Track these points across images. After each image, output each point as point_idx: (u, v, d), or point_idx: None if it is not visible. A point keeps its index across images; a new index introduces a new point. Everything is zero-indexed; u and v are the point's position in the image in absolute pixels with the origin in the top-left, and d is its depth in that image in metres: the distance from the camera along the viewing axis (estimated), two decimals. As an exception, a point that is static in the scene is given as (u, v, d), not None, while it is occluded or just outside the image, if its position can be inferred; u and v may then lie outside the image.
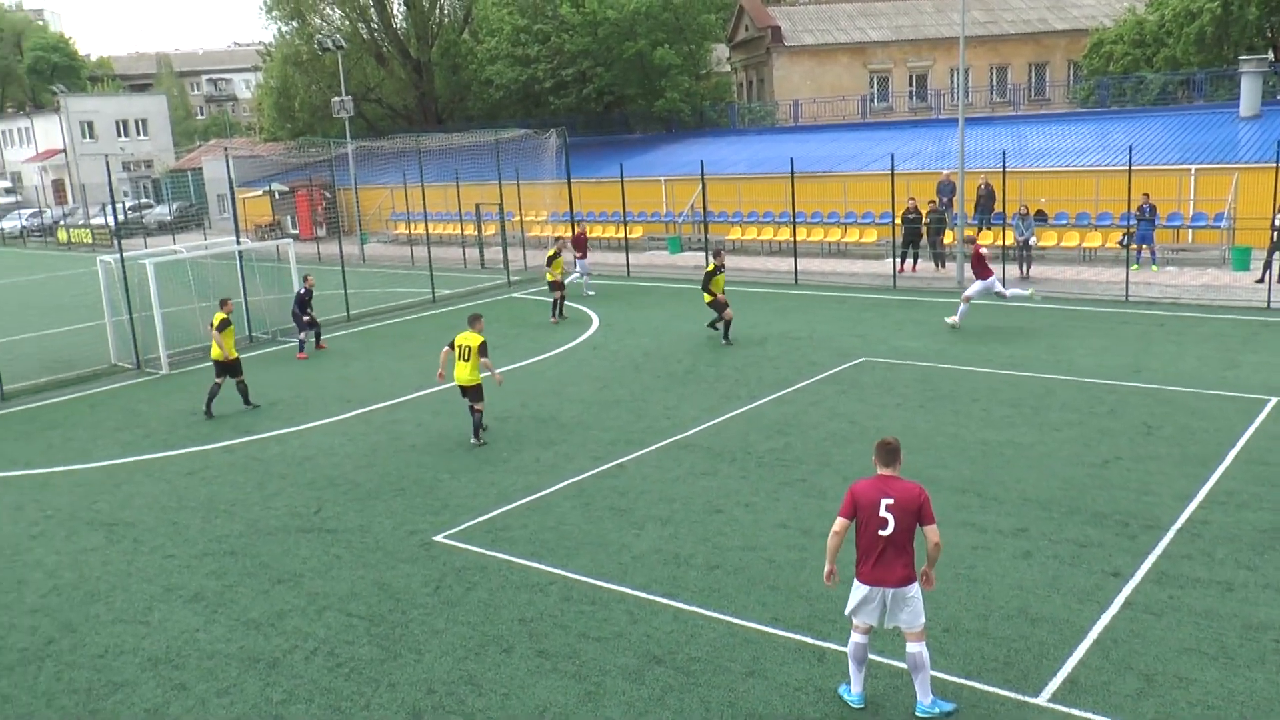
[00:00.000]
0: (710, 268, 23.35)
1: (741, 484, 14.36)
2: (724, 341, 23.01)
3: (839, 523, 8.83)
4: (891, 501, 8.63)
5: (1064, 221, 32.45)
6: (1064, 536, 12.00)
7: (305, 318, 25.01)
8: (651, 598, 11.09)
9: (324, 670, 10.06)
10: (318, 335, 25.77)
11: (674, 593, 11.17)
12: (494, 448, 16.67)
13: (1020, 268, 29.41)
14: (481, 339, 16.73)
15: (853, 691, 8.95)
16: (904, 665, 8.98)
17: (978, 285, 23.05)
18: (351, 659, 10.24)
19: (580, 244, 31.85)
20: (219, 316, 19.93)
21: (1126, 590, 10.64)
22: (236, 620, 11.25)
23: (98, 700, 9.81)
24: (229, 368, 19.94)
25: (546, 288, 28.40)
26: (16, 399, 22.28)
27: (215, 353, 19.82)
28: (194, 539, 13.70)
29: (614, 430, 17.19)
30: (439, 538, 13.14)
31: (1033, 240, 29.65)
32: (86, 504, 15.35)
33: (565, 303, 27.94)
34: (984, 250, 23.43)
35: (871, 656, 9.26)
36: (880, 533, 8.62)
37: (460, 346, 16.72)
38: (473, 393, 16.88)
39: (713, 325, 23.61)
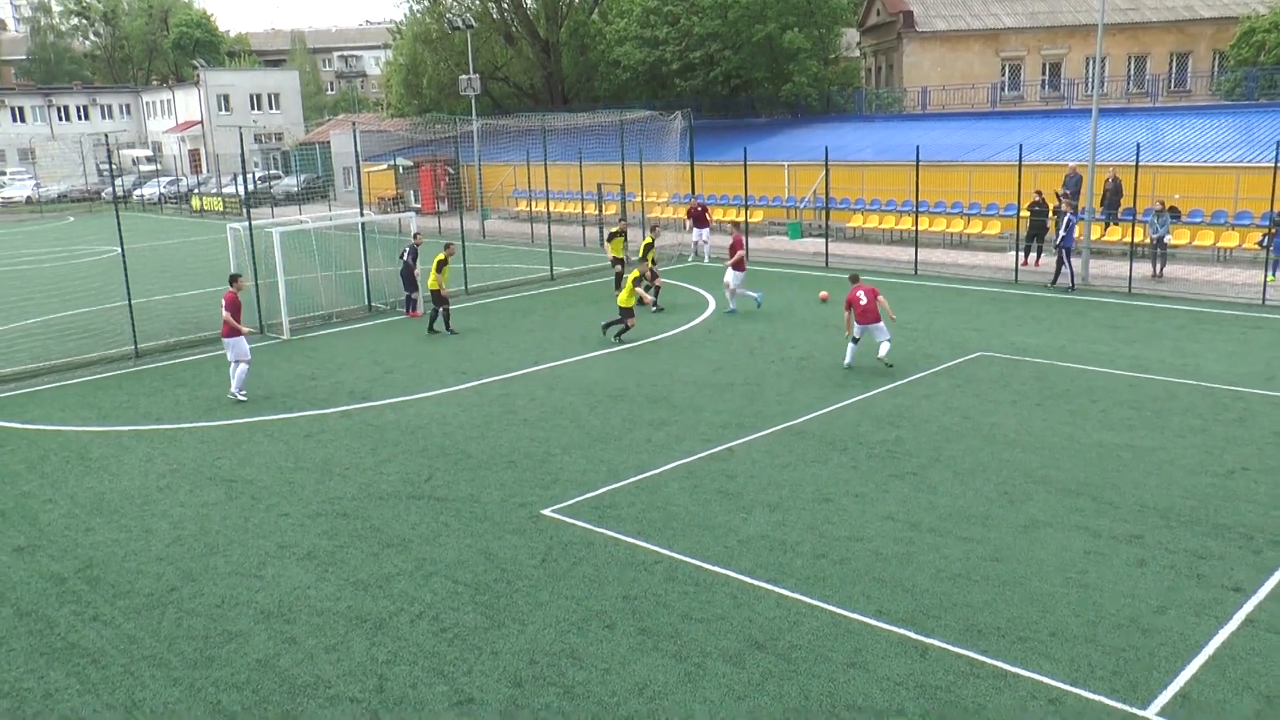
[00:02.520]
0: (615, 229, 27.65)
1: (851, 474, 14.23)
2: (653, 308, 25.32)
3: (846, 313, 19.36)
4: (862, 292, 19.04)
5: (1199, 219, 31.24)
6: (1182, 547, 11.62)
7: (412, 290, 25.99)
8: (756, 583, 11.08)
9: (429, 634, 10.30)
10: (413, 302, 26.58)
11: (778, 579, 11.14)
12: (605, 426, 16.81)
13: (1153, 266, 28.44)
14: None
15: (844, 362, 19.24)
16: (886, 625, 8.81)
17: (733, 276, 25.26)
18: (456, 625, 10.46)
19: (700, 217, 34.37)
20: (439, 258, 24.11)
21: (1248, 607, 10.24)
22: (346, 580, 11.59)
23: (214, 648, 10.22)
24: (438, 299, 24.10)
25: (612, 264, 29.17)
26: (149, 356, 23.24)
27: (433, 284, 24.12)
28: (308, 499, 14.14)
29: (725, 413, 17.19)
30: (547, 511, 13.32)
31: (1167, 238, 28.62)
32: (210, 460, 15.96)
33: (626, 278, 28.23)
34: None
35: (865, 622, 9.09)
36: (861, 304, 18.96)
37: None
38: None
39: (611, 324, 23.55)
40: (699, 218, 34.79)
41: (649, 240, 27.68)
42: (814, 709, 8.81)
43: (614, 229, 29.70)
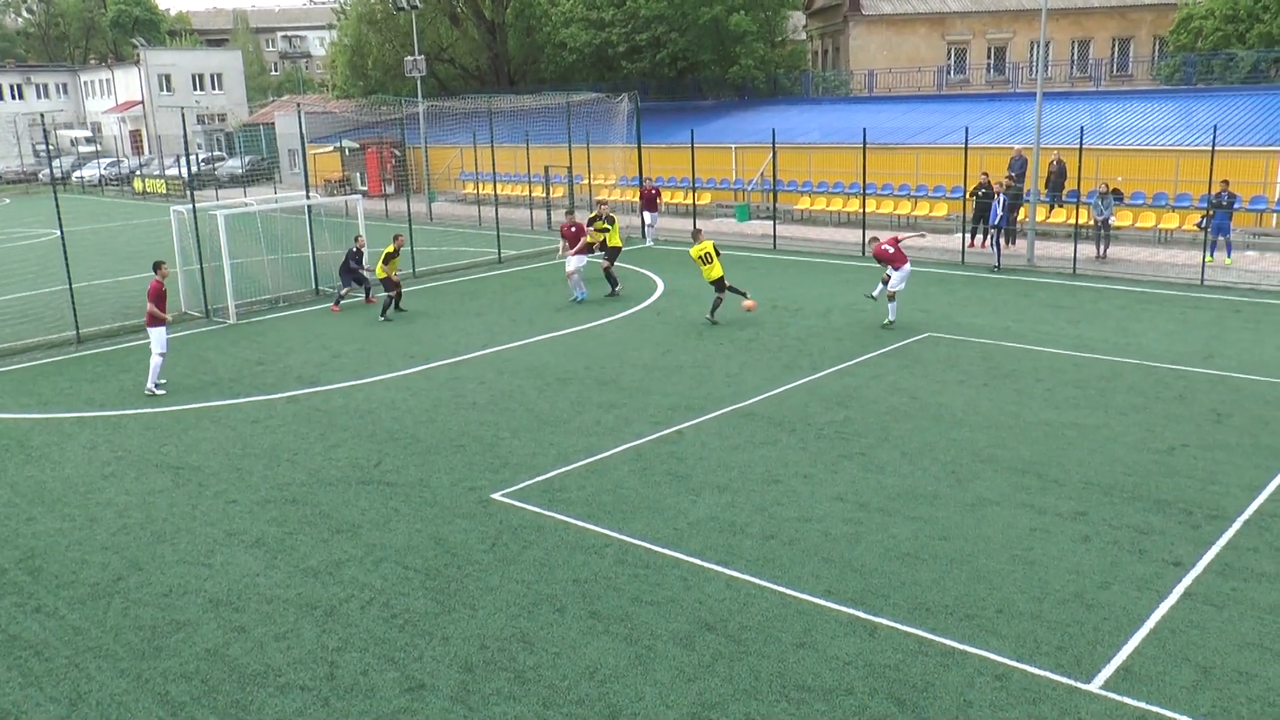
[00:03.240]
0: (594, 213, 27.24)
1: (800, 455, 14.33)
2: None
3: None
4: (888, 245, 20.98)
5: (1140, 201, 31.74)
6: (1125, 523, 11.83)
7: (361, 271, 25.65)
8: (706, 565, 11.13)
9: (379, 620, 10.25)
10: (367, 290, 26.23)
11: (728, 561, 11.20)
12: (554, 409, 16.78)
13: (1097, 247, 28.86)
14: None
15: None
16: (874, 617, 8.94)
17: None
18: (406, 611, 10.41)
19: (650, 200, 34.61)
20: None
21: (1187, 580, 10.46)
22: (295, 567, 11.49)
23: (161, 638, 10.09)
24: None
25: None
26: (91, 342, 22.82)
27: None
28: (256, 485, 13.99)
29: (674, 396, 17.22)
30: (497, 495, 13.29)
31: (1111, 219, 29.04)
32: (155, 447, 15.72)
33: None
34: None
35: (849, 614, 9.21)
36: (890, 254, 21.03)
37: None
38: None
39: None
40: (650, 201, 34.81)
41: (594, 215, 27.81)
42: (764, 689, 8.87)
43: (593, 214, 28.52)
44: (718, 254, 22.55)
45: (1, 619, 10.62)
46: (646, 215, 34.77)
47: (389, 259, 24.27)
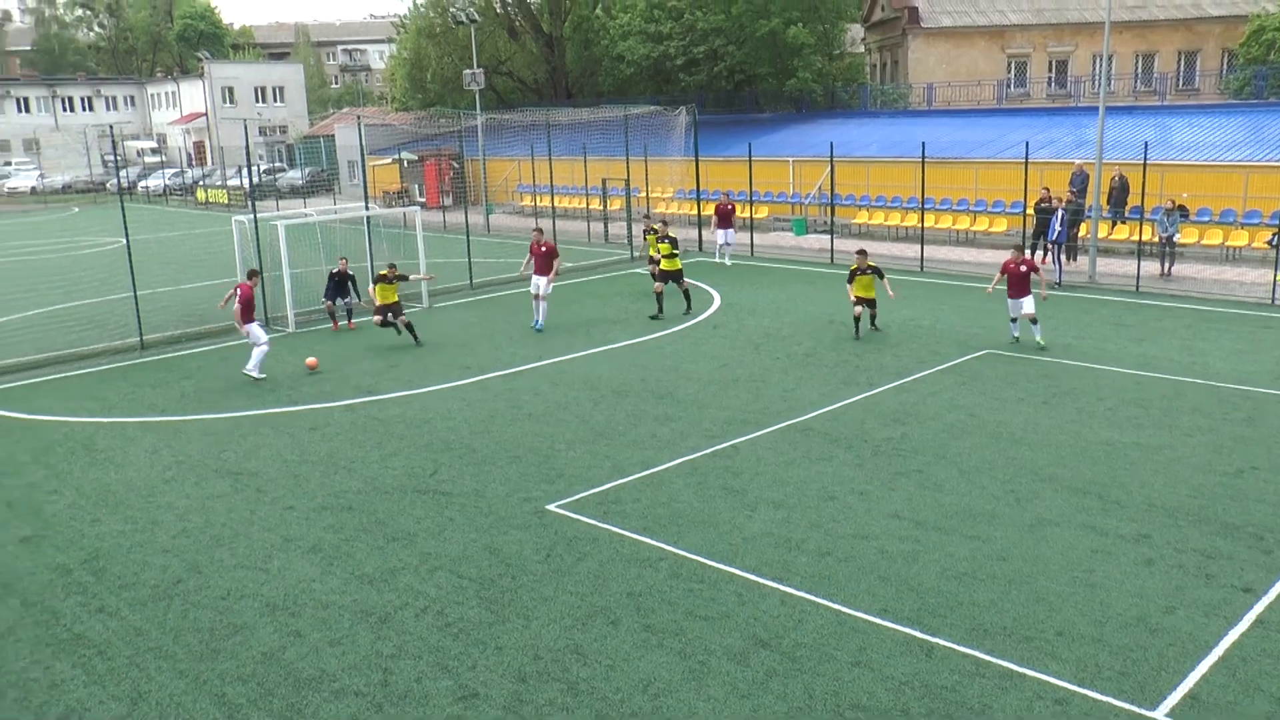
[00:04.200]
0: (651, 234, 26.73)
1: (857, 472, 14.21)
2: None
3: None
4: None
5: (1207, 218, 31.18)
6: (1190, 546, 11.58)
7: (343, 298, 24.83)
8: (761, 580, 11.06)
9: (433, 629, 10.29)
10: (349, 312, 25.16)
11: (783, 577, 11.12)
12: (610, 422, 16.79)
13: (1162, 264, 28.39)
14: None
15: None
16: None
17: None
18: (460, 619, 10.45)
19: (726, 216, 32.87)
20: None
21: (1259, 607, 10.20)
22: (351, 574, 11.58)
23: (219, 640, 10.22)
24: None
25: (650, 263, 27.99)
26: (155, 348, 23.24)
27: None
28: (313, 492, 14.14)
29: (730, 410, 17.16)
30: (552, 507, 13.31)
31: (1176, 236, 28.56)
32: (215, 452, 15.95)
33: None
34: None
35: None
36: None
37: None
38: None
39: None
40: (726, 217, 32.89)
41: (643, 229, 27.81)
42: (818, 708, 8.79)
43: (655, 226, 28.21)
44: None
45: (67, 618, 10.82)
46: (720, 233, 32.75)
47: (380, 280, 23.04)
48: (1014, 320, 21.10)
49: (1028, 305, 20.54)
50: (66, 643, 10.33)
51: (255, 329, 20.35)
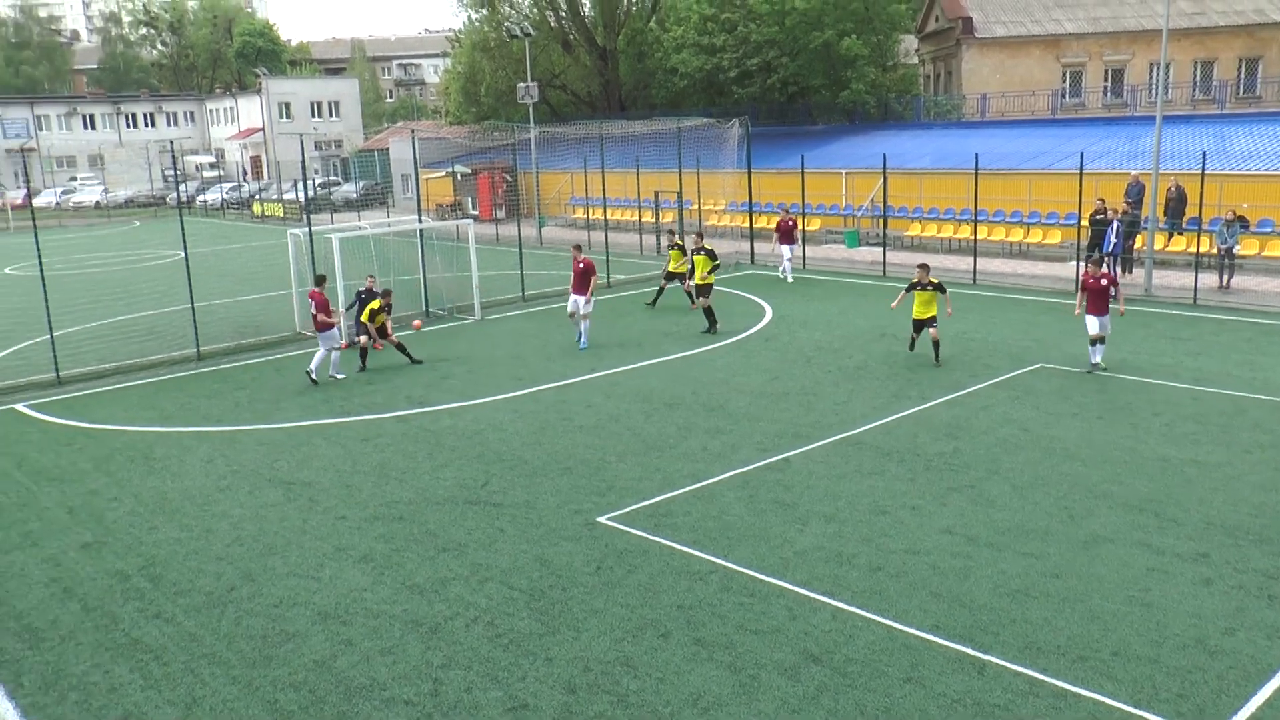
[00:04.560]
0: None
1: (909, 486, 14.09)
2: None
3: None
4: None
5: (1269, 229, 30.60)
6: (1251, 566, 11.35)
7: (351, 323, 24.10)
8: (811, 595, 11.00)
9: (483, 639, 10.34)
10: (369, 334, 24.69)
11: (834, 592, 11.05)
12: (661, 434, 16.79)
13: (1220, 276, 27.90)
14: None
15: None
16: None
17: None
18: (511, 630, 10.49)
19: (787, 232, 32.06)
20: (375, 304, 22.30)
21: (1320, 626, 9.99)
22: (402, 584, 11.66)
23: (272, 647, 10.33)
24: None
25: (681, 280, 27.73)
26: (210, 359, 23.59)
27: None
28: (365, 502, 14.27)
29: (782, 423, 17.10)
30: (603, 519, 13.33)
31: (1236, 248, 28.07)
32: (268, 462, 16.16)
33: (663, 295, 28.36)
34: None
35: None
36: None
37: None
38: None
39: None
40: (787, 233, 32.05)
41: (667, 243, 27.89)
42: (870, 723, 8.71)
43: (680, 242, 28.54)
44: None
45: (125, 623, 11.01)
46: (784, 249, 31.89)
47: (373, 315, 22.38)
48: (1095, 344, 19.45)
49: (1107, 324, 19.45)
50: (125, 647, 10.50)
51: (332, 332, 21.11)
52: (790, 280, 31.62)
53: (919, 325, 20.69)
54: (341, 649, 10.27)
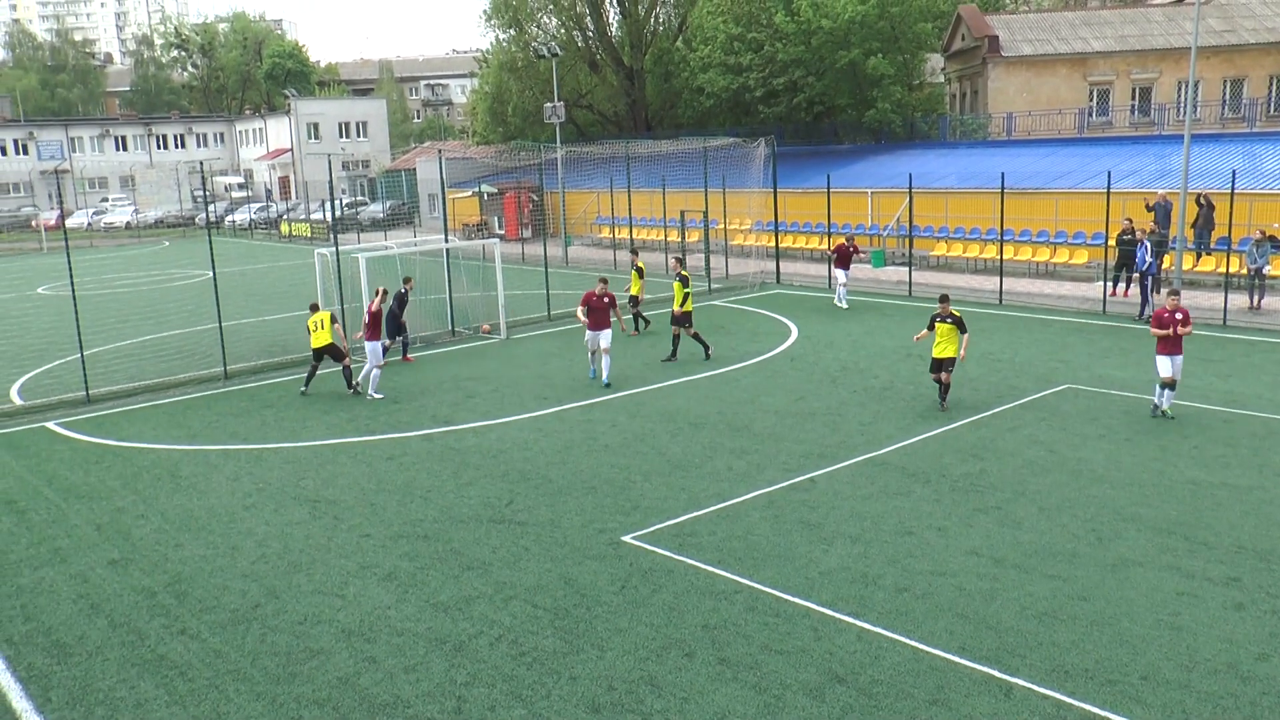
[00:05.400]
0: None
1: (935, 507, 14.02)
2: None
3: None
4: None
5: (1300, 251, 30.30)
6: (1284, 587, 11.23)
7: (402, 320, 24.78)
8: (837, 615, 10.95)
9: (507, 657, 10.34)
10: (405, 345, 25.36)
11: (860, 612, 10.99)
12: (686, 454, 16.77)
13: (1251, 297, 27.67)
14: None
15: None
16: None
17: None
18: (535, 649, 10.48)
19: (845, 257, 30.69)
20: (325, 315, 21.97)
21: (1354, 651, 9.86)
22: (426, 602, 11.69)
23: (296, 664, 10.37)
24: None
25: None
26: (237, 378, 23.76)
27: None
28: (390, 521, 14.31)
29: (807, 443, 17.05)
30: (627, 538, 13.32)
31: (1266, 269, 27.83)
32: (294, 480, 16.24)
33: (640, 318, 28.16)
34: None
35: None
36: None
37: None
38: None
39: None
40: (845, 257, 30.65)
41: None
42: (895, 746, 8.65)
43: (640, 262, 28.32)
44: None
45: (151, 639, 11.07)
46: (840, 273, 30.52)
47: (318, 326, 21.83)
48: (1165, 388, 17.67)
49: (1179, 365, 17.74)
50: (150, 663, 10.56)
51: (375, 347, 21.28)
52: (845, 306, 30.03)
53: (937, 366, 18.76)
54: (365, 666, 10.29)
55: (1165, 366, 17.63)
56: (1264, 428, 17.04)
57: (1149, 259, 27.30)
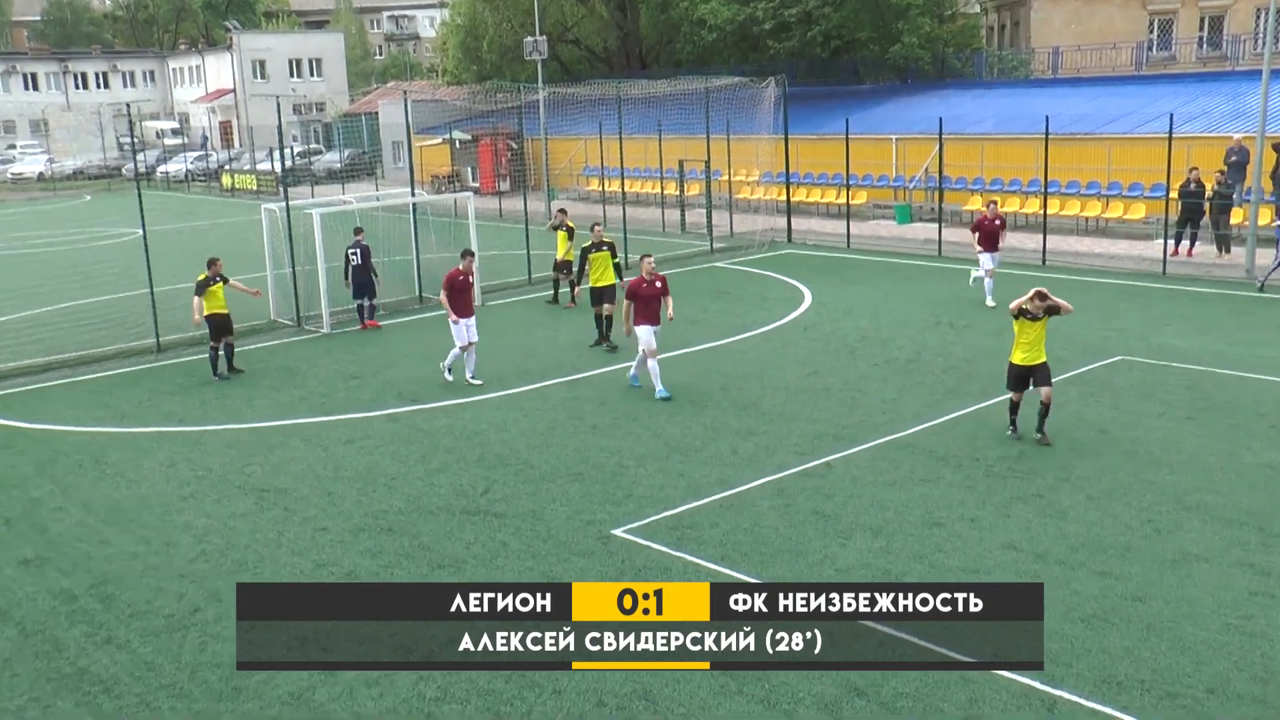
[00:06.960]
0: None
1: (967, 495, 14.03)
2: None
3: None
4: None
5: (1389, 203, 30.30)
6: (1368, 586, 11.25)
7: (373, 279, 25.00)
8: (855, 618, 10.94)
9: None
10: (370, 310, 25.58)
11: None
12: (685, 435, 16.76)
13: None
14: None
15: None
16: None
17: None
18: (512, 659, 10.46)
19: (992, 236, 25.45)
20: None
21: None
22: (390, 606, 11.65)
23: (241, 678, 10.33)
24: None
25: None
26: (172, 350, 23.69)
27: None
28: (349, 512, 14.29)
29: (822, 423, 17.06)
30: (619, 531, 13.32)
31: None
32: (238, 466, 16.20)
33: (567, 290, 27.13)
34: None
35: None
36: None
37: None
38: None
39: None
40: (991, 237, 25.44)
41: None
42: (924, 766, 8.66)
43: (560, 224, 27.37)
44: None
45: (71, 650, 11.03)
46: (985, 258, 25.35)
47: (202, 288, 21.42)
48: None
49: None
50: (70, 677, 10.52)
51: (457, 326, 19.85)
52: (992, 304, 24.53)
53: (1021, 377, 15.91)
54: (321, 680, 10.26)
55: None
56: (1345, 405, 17.08)
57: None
